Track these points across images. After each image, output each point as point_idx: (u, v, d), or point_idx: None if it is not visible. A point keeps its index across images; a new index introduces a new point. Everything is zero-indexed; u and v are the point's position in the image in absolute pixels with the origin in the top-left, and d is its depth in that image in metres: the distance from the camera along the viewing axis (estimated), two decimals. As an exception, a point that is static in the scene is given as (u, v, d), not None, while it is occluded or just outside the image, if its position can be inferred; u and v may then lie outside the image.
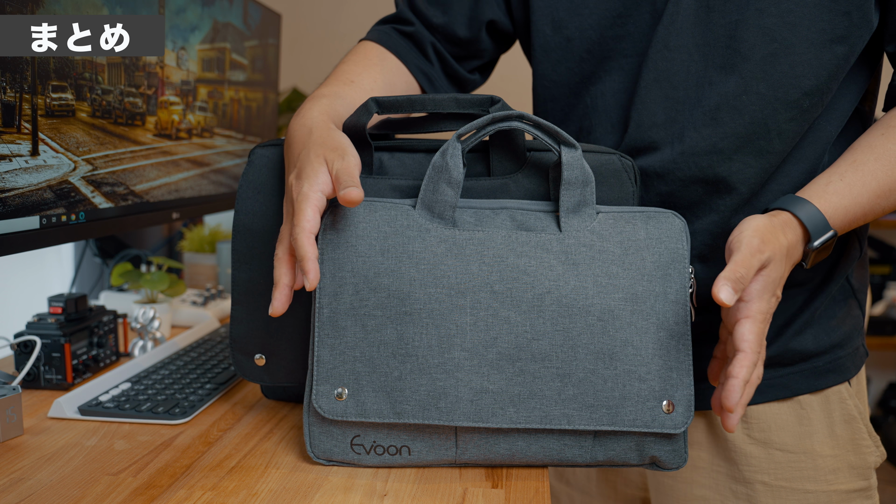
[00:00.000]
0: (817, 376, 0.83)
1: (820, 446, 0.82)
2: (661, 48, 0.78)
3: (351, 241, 0.66)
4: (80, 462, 0.70)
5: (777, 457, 0.82)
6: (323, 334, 0.66)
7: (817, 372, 0.83)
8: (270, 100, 1.52)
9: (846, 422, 0.83)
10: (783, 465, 0.82)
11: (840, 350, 0.83)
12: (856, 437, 0.83)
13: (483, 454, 0.68)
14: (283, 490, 0.65)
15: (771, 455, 0.82)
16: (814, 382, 0.83)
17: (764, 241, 0.66)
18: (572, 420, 0.66)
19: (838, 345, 0.83)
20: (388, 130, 0.78)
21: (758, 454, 0.83)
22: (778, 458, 0.82)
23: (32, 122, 0.82)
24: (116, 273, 1.17)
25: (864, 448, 0.83)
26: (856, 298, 0.86)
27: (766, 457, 0.82)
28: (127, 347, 1.06)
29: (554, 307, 0.65)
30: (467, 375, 0.65)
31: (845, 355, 0.84)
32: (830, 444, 0.82)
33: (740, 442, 0.83)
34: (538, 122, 0.68)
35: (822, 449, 0.82)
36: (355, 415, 0.66)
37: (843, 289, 0.84)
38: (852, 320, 0.85)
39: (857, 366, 0.85)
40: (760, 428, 0.83)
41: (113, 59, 0.97)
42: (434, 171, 0.67)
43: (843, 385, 0.83)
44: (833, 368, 0.83)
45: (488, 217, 0.68)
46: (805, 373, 0.83)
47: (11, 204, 0.79)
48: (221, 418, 0.81)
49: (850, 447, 0.83)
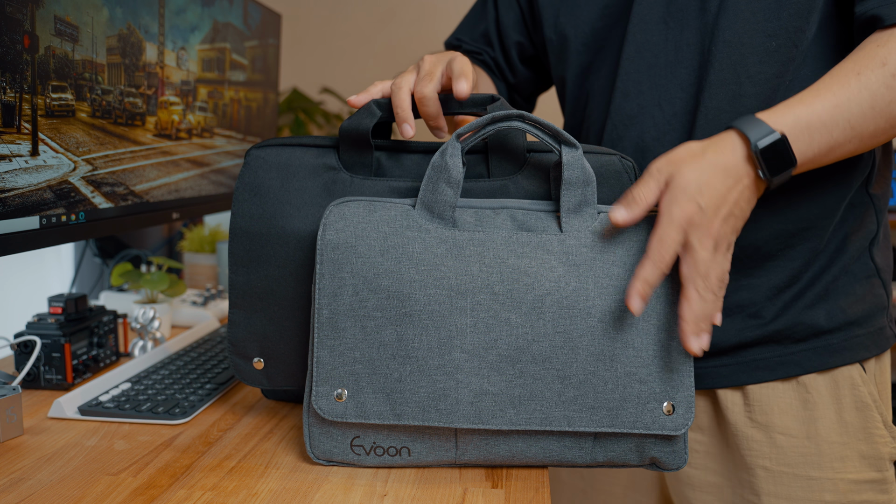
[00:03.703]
0: (829, 353, 0.80)
1: (826, 431, 0.80)
2: (638, 22, 0.83)
3: (350, 242, 0.66)
4: (80, 462, 0.70)
5: (779, 441, 0.81)
6: (322, 335, 0.66)
7: (830, 349, 0.81)
8: (270, 100, 1.52)
9: (858, 409, 0.81)
10: (785, 449, 0.81)
11: (857, 328, 0.81)
12: (868, 425, 0.81)
13: (483, 455, 0.68)
14: (283, 490, 0.65)
15: (773, 439, 0.81)
16: (825, 360, 0.80)
17: (662, 161, 0.66)
18: (572, 422, 0.66)
19: (855, 322, 0.81)
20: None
21: (759, 438, 0.81)
22: (780, 441, 0.81)
23: (32, 122, 0.82)
24: (116, 273, 1.17)
25: (877, 438, 0.81)
26: (880, 278, 0.84)
27: (767, 441, 0.81)
28: (127, 347, 1.06)
29: (554, 308, 0.65)
30: (467, 377, 0.65)
31: (864, 334, 0.82)
32: (838, 430, 0.80)
33: (742, 425, 0.82)
34: (538, 121, 0.67)
35: (829, 435, 0.80)
36: (355, 416, 0.66)
37: (864, 265, 0.83)
38: (874, 299, 0.83)
39: (878, 346, 0.83)
40: (762, 410, 0.81)
41: (113, 59, 0.97)
42: (433, 171, 0.67)
43: (856, 369, 0.81)
44: (847, 346, 0.81)
45: (488, 217, 0.68)
46: (817, 350, 0.81)
47: (11, 204, 0.79)
48: (221, 418, 0.81)
49: (862, 435, 0.80)
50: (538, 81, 1.08)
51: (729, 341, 0.83)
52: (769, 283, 0.82)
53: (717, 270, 0.65)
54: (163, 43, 1.09)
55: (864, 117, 0.68)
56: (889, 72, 0.67)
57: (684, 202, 0.64)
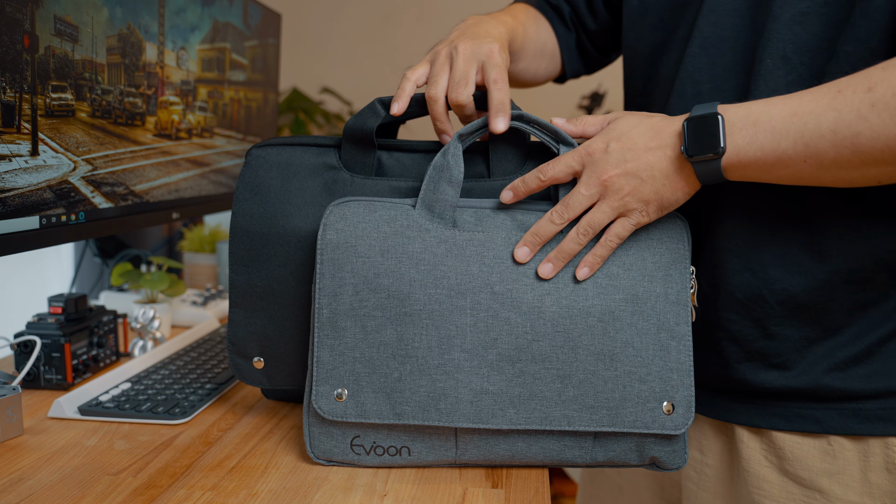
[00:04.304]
0: (859, 420, 0.69)
1: (842, 490, 0.70)
2: (709, 13, 0.72)
3: (350, 242, 0.66)
4: (80, 462, 0.70)
5: (790, 487, 0.72)
6: (323, 335, 0.66)
7: (861, 415, 0.69)
8: (270, 100, 1.52)
9: (889, 471, 0.69)
10: (796, 498, 0.72)
11: None
12: None
13: (483, 455, 0.68)
14: (283, 490, 0.65)
15: (784, 484, 0.73)
16: (852, 425, 0.69)
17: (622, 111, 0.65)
18: (572, 421, 0.66)
19: None
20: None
21: (770, 479, 0.73)
22: (791, 489, 0.72)
23: (32, 122, 0.82)
24: (116, 273, 1.17)
25: None
26: None
27: (778, 484, 0.73)
28: (127, 347, 1.06)
29: (554, 308, 0.65)
30: (467, 376, 0.65)
31: None
32: (860, 490, 0.70)
33: (754, 463, 0.74)
34: (536, 120, 0.68)
35: (847, 493, 0.70)
36: (355, 415, 0.66)
37: None
38: None
39: None
40: (777, 453, 0.73)
41: (113, 59, 0.97)
42: (435, 171, 0.67)
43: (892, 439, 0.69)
44: (883, 416, 0.69)
45: (489, 217, 0.68)
46: (844, 413, 0.69)
47: (11, 204, 0.79)
48: (221, 418, 0.81)
49: (890, 501, 0.69)
50: (619, 35, 0.96)
51: (747, 385, 0.74)
52: (800, 335, 0.71)
53: (590, 217, 0.64)
54: (163, 43, 1.09)
55: (820, 137, 0.58)
56: (869, 99, 0.56)
57: (598, 140, 0.63)
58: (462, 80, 0.70)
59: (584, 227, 0.65)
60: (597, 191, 0.63)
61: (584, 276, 0.65)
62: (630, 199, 0.63)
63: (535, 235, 0.65)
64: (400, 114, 0.72)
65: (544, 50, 0.94)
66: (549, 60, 0.96)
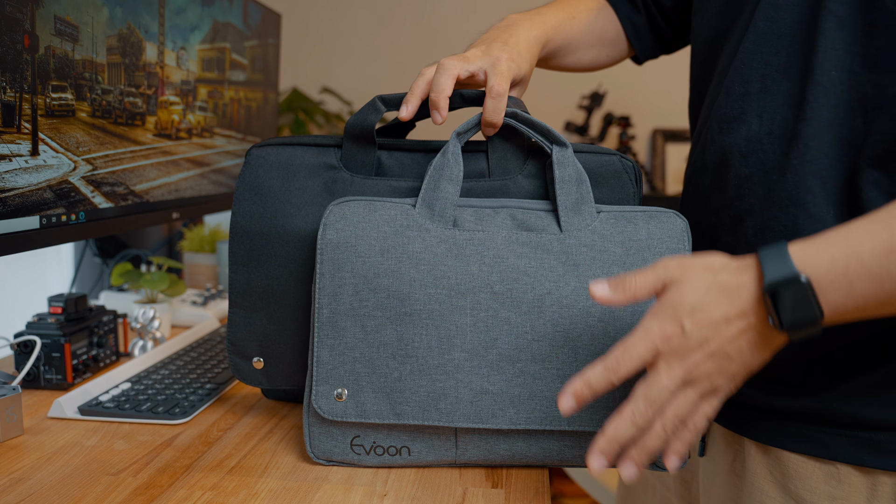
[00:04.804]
0: (870, 451, 0.64)
1: None
2: (767, 5, 0.66)
3: (350, 241, 0.66)
4: (80, 462, 0.70)
5: None
6: (322, 335, 0.66)
7: (873, 446, 0.64)
8: (270, 100, 1.52)
9: None
10: None
11: None
12: None
13: (483, 455, 0.68)
14: (283, 490, 0.65)
15: (786, 502, 0.69)
16: (861, 456, 0.64)
17: (674, 260, 0.56)
18: (573, 421, 0.66)
19: None
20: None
21: (773, 495, 0.70)
22: None
23: (32, 122, 0.82)
24: (116, 273, 1.17)
25: None
26: None
27: (780, 500, 0.70)
28: (127, 347, 1.06)
29: (554, 308, 0.65)
30: (467, 376, 0.65)
31: None
32: None
33: (759, 477, 0.71)
34: (529, 119, 0.68)
35: None
36: (355, 415, 0.66)
37: None
38: None
39: None
40: (781, 471, 0.70)
41: (113, 59, 0.97)
42: (435, 171, 0.67)
43: None
44: None
45: (489, 216, 0.68)
46: (855, 441, 0.64)
47: (11, 204, 0.79)
48: (221, 418, 0.81)
49: None
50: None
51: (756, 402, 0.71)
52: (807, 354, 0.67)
53: (676, 407, 0.55)
54: (163, 43, 1.09)
55: None
56: None
57: (668, 319, 0.54)
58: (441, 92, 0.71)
59: (673, 420, 0.55)
60: (681, 380, 0.55)
61: (675, 467, 0.57)
62: (717, 378, 0.56)
63: (611, 442, 0.55)
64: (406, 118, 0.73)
65: (604, 37, 0.92)
66: (612, 47, 0.95)
